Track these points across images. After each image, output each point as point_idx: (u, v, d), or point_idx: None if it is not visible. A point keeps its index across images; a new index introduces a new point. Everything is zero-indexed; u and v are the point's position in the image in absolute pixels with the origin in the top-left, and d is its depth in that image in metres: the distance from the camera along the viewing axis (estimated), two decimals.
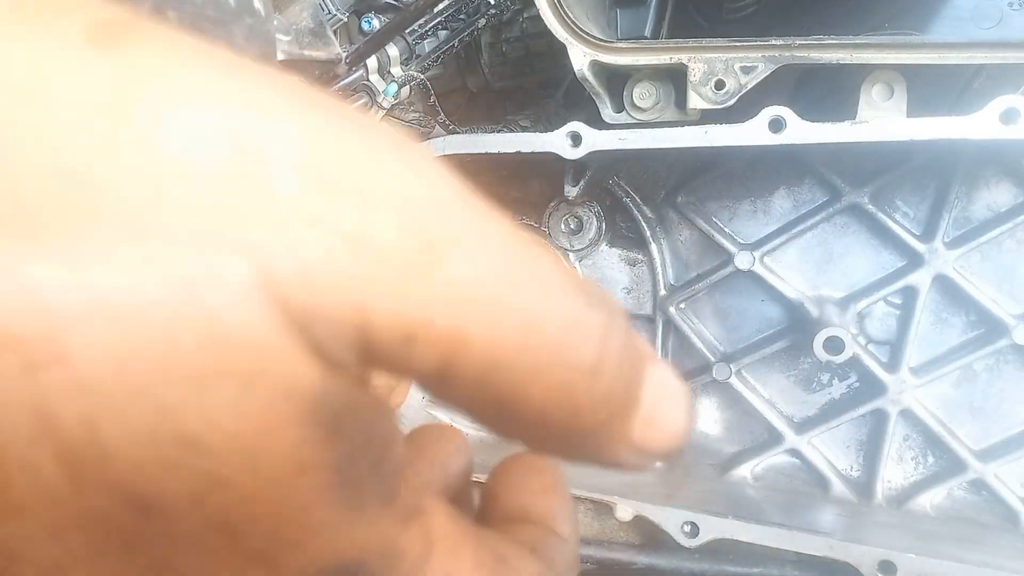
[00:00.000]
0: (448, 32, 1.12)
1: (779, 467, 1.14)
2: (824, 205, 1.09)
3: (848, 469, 1.13)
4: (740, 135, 0.88)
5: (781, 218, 1.12)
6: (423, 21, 1.08)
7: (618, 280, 1.21)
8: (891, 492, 1.09)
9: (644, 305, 1.20)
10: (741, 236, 1.14)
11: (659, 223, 1.17)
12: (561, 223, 1.19)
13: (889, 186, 1.06)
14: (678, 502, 1.01)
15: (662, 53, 0.90)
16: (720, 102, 0.88)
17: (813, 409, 1.14)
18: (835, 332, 0.98)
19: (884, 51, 0.83)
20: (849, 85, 0.89)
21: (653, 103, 0.95)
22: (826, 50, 0.85)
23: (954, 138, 0.81)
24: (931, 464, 1.09)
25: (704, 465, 1.17)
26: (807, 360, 1.14)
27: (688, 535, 0.97)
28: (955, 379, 1.06)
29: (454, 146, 1.01)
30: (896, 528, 1.01)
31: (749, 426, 1.18)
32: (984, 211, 1.03)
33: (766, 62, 0.86)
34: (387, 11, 1.17)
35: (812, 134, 0.86)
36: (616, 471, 0.27)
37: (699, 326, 1.17)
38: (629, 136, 0.92)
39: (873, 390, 1.08)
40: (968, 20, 1.03)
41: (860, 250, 1.09)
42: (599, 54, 0.91)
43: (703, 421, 1.21)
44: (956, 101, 0.98)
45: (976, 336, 1.05)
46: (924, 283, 1.03)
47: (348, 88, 1.05)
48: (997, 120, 0.79)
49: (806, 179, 1.11)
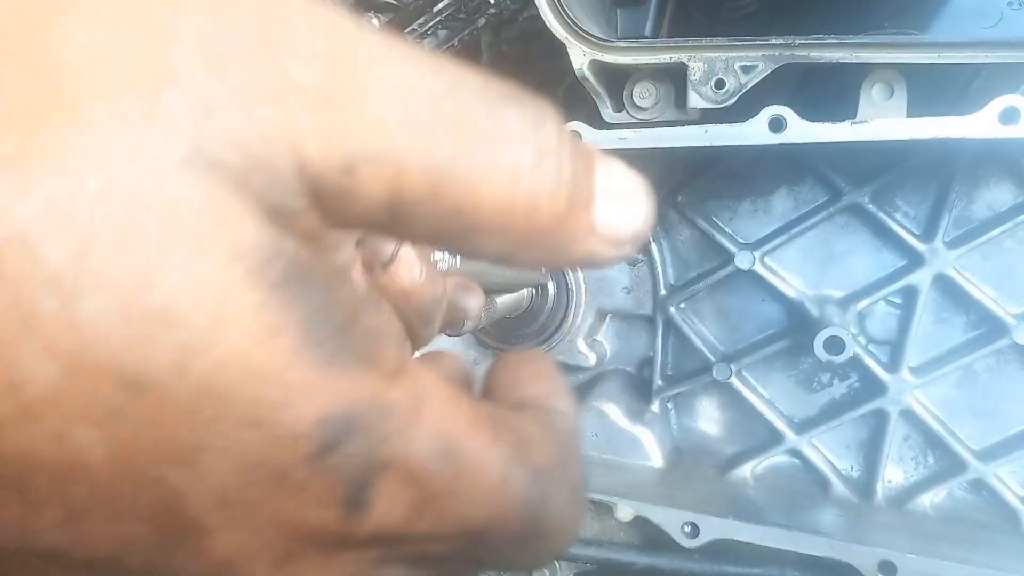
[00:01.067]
0: (448, 32, 1.12)
1: (779, 467, 1.14)
2: (824, 205, 1.08)
3: (848, 469, 1.13)
4: (740, 135, 0.88)
5: (781, 218, 1.12)
6: (423, 21, 1.08)
7: (618, 280, 1.21)
8: (891, 492, 1.09)
9: (644, 305, 1.20)
10: (741, 236, 1.14)
11: (659, 223, 1.17)
12: None
13: (889, 186, 1.06)
14: (678, 502, 1.00)
15: (662, 52, 0.90)
16: (720, 101, 0.88)
17: (813, 409, 1.14)
18: (835, 332, 0.98)
19: (884, 50, 0.83)
20: (849, 85, 0.89)
21: (653, 102, 0.95)
22: (826, 49, 0.85)
23: (954, 138, 0.81)
24: (931, 464, 1.09)
25: (704, 465, 1.17)
26: (807, 360, 1.14)
27: (688, 535, 0.97)
28: (955, 379, 1.06)
29: None
30: (896, 528, 1.01)
31: (749, 426, 1.18)
32: (984, 211, 1.03)
33: (766, 61, 0.86)
34: (387, 11, 1.17)
35: (812, 134, 0.86)
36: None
37: (699, 326, 1.17)
38: (629, 136, 0.92)
39: (873, 390, 1.08)
40: (968, 19, 1.03)
41: (860, 250, 1.09)
42: (599, 53, 0.91)
43: (703, 421, 1.21)
44: (956, 101, 0.98)
45: (976, 336, 1.05)
46: (924, 283, 1.03)
47: None
48: (997, 120, 0.79)
49: (806, 178, 1.11)
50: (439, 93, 0.23)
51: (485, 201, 0.24)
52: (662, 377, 1.18)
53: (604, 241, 0.27)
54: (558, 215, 0.26)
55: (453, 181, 0.23)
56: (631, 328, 1.25)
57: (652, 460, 1.14)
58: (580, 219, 0.26)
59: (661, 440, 1.16)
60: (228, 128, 0.20)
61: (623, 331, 1.25)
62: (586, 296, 1.21)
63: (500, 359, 0.36)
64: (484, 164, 0.24)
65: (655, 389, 1.18)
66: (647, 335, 1.22)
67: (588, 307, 1.22)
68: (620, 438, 1.15)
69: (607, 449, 1.16)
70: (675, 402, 1.22)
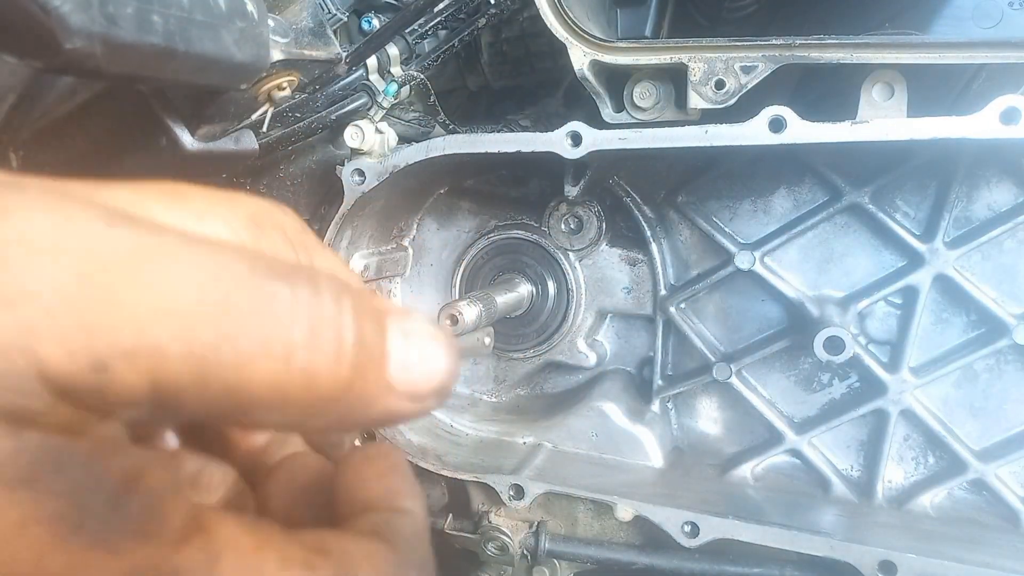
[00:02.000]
0: (448, 32, 1.12)
1: (779, 467, 1.14)
2: (824, 205, 1.08)
3: (848, 469, 1.13)
4: (740, 135, 0.88)
5: (781, 218, 1.12)
6: (423, 21, 1.08)
7: (618, 280, 1.21)
8: (891, 492, 1.09)
9: (644, 305, 1.20)
10: (741, 236, 1.14)
11: (659, 223, 1.17)
12: (561, 223, 1.19)
13: (889, 186, 1.06)
14: (678, 502, 1.01)
15: (662, 53, 0.90)
16: (720, 102, 0.88)
17: (813, 409, 1.14)
18: (835, 332, 0.98)
19: (884, 51, 0.83)
20: (849, 85, 0.88)
21: (653, 103, 0.95)
22: (826, 50, 0.85)
23: (954, 138, 0.81)
24: (931, 464, 1.09)
25: (704, 465, 1.17)
26: (807, 360, 1.14)
27: (688, 535, 0.97)
28: (955, 379, 1.06)
29: (454, 146, 1.01)
30: (896, 528, 1.01)
31: (749, 426, 1.18)
32: (984, 211, 1.03)
33: (766, 62, 0.86)
34: (387, 11, 1.17)
35: (812, 134, 0.86)
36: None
37: (699, 326, 1.17)
38: (629, 136, 0.92)
39: (873, 390, 1.08)
40: (968, 20, 1.03)
41: (861, 250, 1.09)
42: (599, 54, 0.91)
43: (703, 421, 1.21)
44: (956, 101, 0.98)
45: (976, 336, 1.05)
46: (924, 283, 1.03)
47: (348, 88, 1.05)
48: (997, 120, 0.79)
49: (806, 179, 1.11)
50: (201, 280, 0.24)
51: (257, 381, 0.24)
52: (662, 377, 1.18)
53: (403, 397, 0.28)
54: (343, 382, 0.26)
55: (219, 366, 0.23)
56: (631, 328, 1.25)
57: (652, 460, 1.15)
58: (372, 380, 0.27)
59: (661, 440, 1.16)
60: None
61: (623, 331, 1.25)
62: (586, 296, 1.22)
63: (345, 457, 0.36)
64: (252, 346, 0.24)
65: (655, 389, 1.18)
66: (647, 335, 1.23)
67: (588, 307, 1.22)
68: (620, 438, 1.15)
69: (607, 449, 1.16)
70: (675, 402, 1.22)
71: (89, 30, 0.56)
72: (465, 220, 1.27)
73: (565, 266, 1.20)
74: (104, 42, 0.57)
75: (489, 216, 1.26)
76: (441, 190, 1.27)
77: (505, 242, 1.23)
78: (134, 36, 0.60)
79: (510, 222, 1.25)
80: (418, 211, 1.28)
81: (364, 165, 1.03)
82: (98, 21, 0.56)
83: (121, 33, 0.58)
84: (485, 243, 1.24)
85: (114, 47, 0.59)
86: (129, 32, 0.59)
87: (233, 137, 0.92)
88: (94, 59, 0.58)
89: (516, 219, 1.25)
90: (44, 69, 0.61)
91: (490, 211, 1.26)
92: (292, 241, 0.48)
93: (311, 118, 1.05)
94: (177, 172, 0.94)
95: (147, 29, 0.61)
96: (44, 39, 0.55)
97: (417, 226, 1.29)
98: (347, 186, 1.05)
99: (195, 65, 0.68)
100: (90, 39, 0.56)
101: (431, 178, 1.20)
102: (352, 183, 1.04)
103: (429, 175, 1.14)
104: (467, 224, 1.27)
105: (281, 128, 1.04)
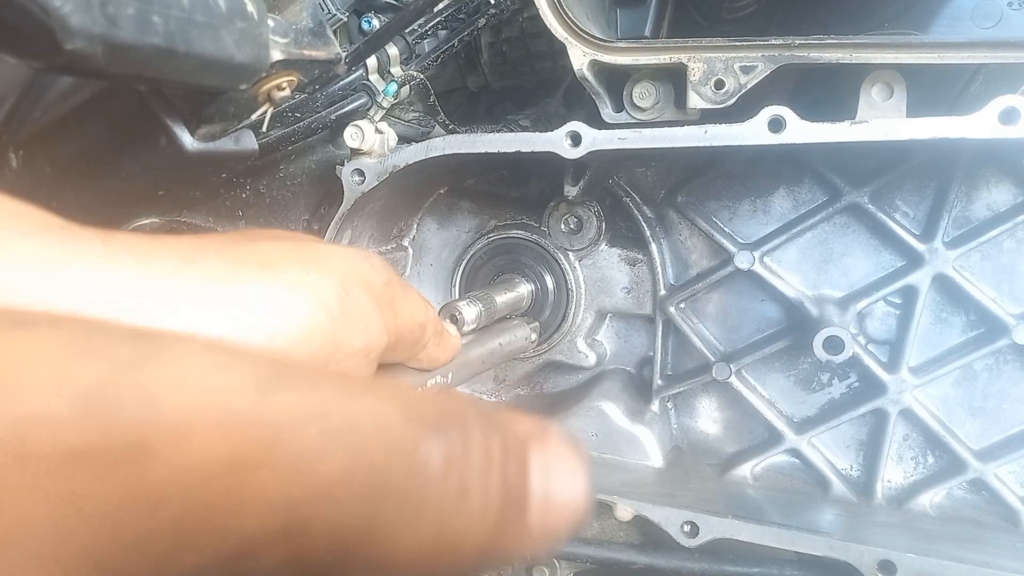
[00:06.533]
0: (448, 32, 1.12)
1: (779, 467, 1.14)
2: (824, 205, 1.09)
3: (848, 469, 1.13)
4: (740, 135, 0.88)
5: (781, 218, 1.12)
6: (423, 21, 1.08)
7: (618, 280, 1.21)
8: (891, 492, 1.09)
9: (644, 305, 1.20)
10: (741, 236, 1.14)
11: (659, 223, 1.17)
12: (561, 223, 1.19)
13: (889, 186, 1.06)
14: (678, 502, 1.01)
15: (662, 53, 0.90)
16: (720, 102, 0.88)
17: (813, 409, 1.14)
18: (835, 332, 0.98)
19: (884, 51, 0.83)
20: (849, 85, 0.89)
21: (653, 103, 0.95)
22: (826, 50, 0.85)
23: (954, 138, 0.81)
24: (931, 464, 1.09)
25: (704, 465, 1.17)
26: (807, 360, 1.14)
27: (688, 535, 0.97)
28: (955, 379, 1.06)
29: (454, 145, 1.01)
30: (896, 528, 1.01)
31: (749, 426, 1.18)
32: (984, 211, 1.03)
33: (766, 62, 0.86)
34: (387, 11, 1.17)
35: (812, 134, 0.86)
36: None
37: (699, 326, 1.17)
38: (629, 136, 0.92)
39: (873, 390, 1.08)
40: (968, 20, 1.03)
41: (860, 250, 1.09)
42: (599, 54, 0.91)
43: (703, 421, 1.21)
44: (956, 101, 0.98)
45: (976, 336, 1.05)
46: (924, 283, 1.03)
47: (348, 88, 1.05)
48: (996, 120, 0.79)
49: (806, 179, 1.11)
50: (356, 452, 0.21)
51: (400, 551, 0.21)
52: (662, 377, 1.19)
53: (543, 541, 0.25)
54: (485, 540, 0.23)
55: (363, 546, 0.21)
56: (631, 328, 1.25)
57: (652, 459, 1.15)
58: (512, 529, 0.24)
59: (661, 439, 1.16)
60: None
61: (623, 331, 1.26)
62: (586, 296, 1.22)
63: None
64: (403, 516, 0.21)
65: (655, 389, 1.18)
66: (647, 335, 1.23)
67: (588, 307, 1.22)
68: (620, 437, 1.15)
69: (607, 448, 1.16)
70: (675, 402, 1.22)
71: (89, 31, 0.56)
72: (465, 220, 1.27)
73: (565, 266, 1.20)
74: (104, 43, 0.58)
75: (489, 216, 1.26)
76: (441, 190, 1.27)
77: (505, 242, 1.23)
78: (135, 37, 0.60)
79: (510, 222, 1.25)
80: (418, 211, 1.28)
81: (364, 165, 1.03)
82: (99, 22, 0.56)
83: (122, 34, 0.59)
84: (485, 243, 1.24)
85: (114, 48, 0.59)
86: (130, 33, 0.59)
87: (233, 137, 0.92)
88: (94, 60, 0.58)
89: (516, 219, 1.25)
90: (44, 69, 0.61)
91: (490, 211, 1.26)
92: (378, 298, 0.48)
93: (311, 118, 1.05)
94: (177, 172, 0.94)
95: (147, 30, 0.61)
96: (45, 39, 0.55)
97: (417, 226, 1.29)
98: (347, 186, 1.05)
99: (195, 65, 0.68)
100: (90, 40, 0.56)
101: (431, 178, 1.20)
102: (352, 183, 1.04)
103: (429, 175, 1.14)
104: (467, 224, 1.27)
105: (281, 128, 1.04)
